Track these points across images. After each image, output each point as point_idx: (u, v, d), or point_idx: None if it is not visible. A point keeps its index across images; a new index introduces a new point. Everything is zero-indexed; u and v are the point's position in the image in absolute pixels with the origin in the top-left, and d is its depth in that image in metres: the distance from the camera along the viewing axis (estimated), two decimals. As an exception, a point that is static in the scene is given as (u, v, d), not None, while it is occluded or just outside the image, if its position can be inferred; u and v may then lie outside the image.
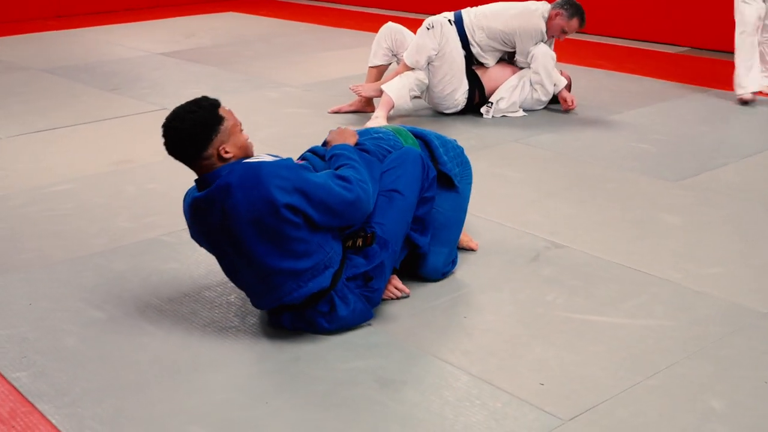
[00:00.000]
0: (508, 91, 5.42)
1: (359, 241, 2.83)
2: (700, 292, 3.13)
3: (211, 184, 2.73)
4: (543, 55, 5.36)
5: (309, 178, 2.72)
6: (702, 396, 2.50)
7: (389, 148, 3.12)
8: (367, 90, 5.34)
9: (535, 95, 5.46)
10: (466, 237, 3.46)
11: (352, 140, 3.09)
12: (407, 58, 5.23)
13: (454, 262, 3.25)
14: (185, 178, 4.31)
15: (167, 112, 2.80)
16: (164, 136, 2.77)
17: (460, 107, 5.40)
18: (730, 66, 5.78)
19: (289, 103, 5.80)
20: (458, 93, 5.32)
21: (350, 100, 5.57)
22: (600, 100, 5.78)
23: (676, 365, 2.66)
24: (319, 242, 2.74)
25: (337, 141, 3.07)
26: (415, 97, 5.31)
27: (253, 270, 2.76)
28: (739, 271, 3.31)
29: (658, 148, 4.82)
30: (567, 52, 6.42)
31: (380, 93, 5.23)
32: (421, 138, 3.31)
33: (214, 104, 2.77)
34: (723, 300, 3.06)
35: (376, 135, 3.19)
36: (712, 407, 2.44)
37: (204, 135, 2.71)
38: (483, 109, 5.42)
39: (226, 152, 2.73)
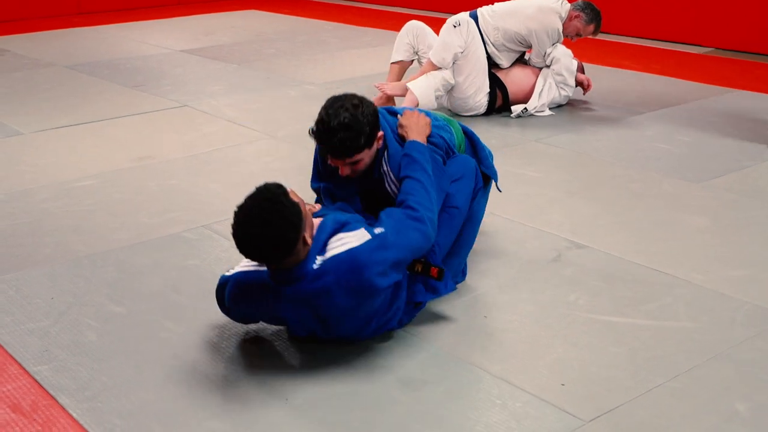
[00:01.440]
0: (537, 95, 5.40)
1: (418, 267, 2.74)
2: (723, 295, 3.10)
3: (299, 279, 2.52)
4: (564, 56, 5.35)
5: (398, 245, 2.58)
6: (725, 398, 2.48)
7: (450, 145, 3.12)
8: (392, 88, 5.33)
9: (563, 93, 5.45)
10: None
11: (425, 131, 3.04)
12: (433, 56, 5.20)
13: (464, 273, 3.17)
14: (205, 176, 4.35)
15: (189, 109, 2.81)
16: (248, 244, 2.46)
17: (482, 110, 5.37)
18: (755, 67, 5.72)
19: (309, 101, 5.80)
20: (481, 94, 5.30)
21: (371, 98, 5.57)
22: (623, 101, 5.74)
23: (698, 367, 2.64)
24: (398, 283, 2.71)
25: (411, 128, 3.02)
26: (439, 97, 5.28)
27: (337, 333, 2.71)
28: (763, 273, 3.27)
29: (682, 149, 4.78)
30: (590, 52, 6.39)
31: (405, 91, 5.22)
32: (468, 135, 3.29)
33: (285, 192, 2.50)
34: (747, 302, 3.03)
35: (436, 123, 3.17)
36: (736, 410, 2.42)
37: (294, 234, 2.45)
38: (514, 108, 5.39)
39: (306, 241, 2.51)
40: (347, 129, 2.81)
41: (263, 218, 2.42)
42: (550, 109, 5.45)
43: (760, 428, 2.34)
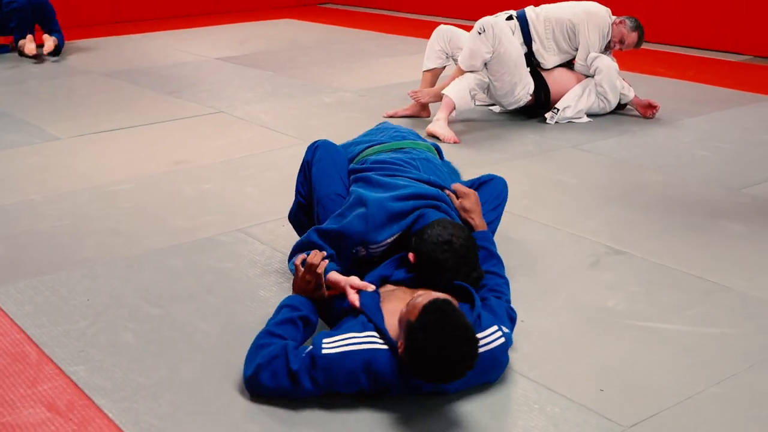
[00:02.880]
0: (574, 100, 5.35)
1: None
2: (765, 301, 3.04)
3: None
4: (607, 68, 5.30)
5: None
6: (767, 406, 2.43)
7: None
8: (426, 95, 5.32)
9: (601, 105, 5.40)
10: None
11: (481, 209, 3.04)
12: (462, 63, 5.18)
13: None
14: (240, 180, 4.36)
15: (224, 115, 2.81)
16: (461, 368, 2.29)
17: (522, 103, 5.29)
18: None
19: (344, 107, 5.80)
20: (518, 88, 5.20)
21: (405, 105, 5.56)
22: (660, 108, 5.68)
23: (740, 374, 2.58)
24: None
25: (477, 213, 2.98)
26: (475, 96, 5.23)
27: None
28: (806, 280, 3.21)
29: (720, 155, 4.72)
30: (628, 59, 6.33)
31: (439, 98, 5.20)
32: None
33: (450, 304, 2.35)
34: (790, 309, 2.98)
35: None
36: (779, 417, 2.37)
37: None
38: (548, 115, 5.35)
39: None
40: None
41: (458, 336, 2.25)
42: (588, 116, 5.41)
43: (805, 436, 2.29)
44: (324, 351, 2.38)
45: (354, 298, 2.55)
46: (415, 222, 2.83)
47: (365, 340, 2.40)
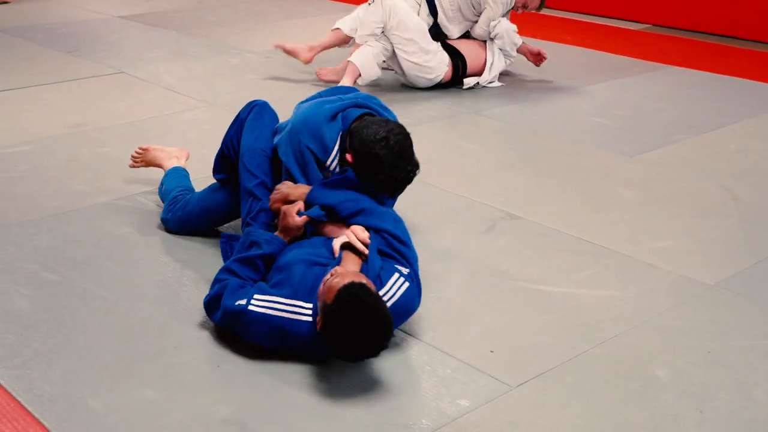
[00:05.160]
0: (489, 70, 5.43)
1: None
2: (650, 265, 3.18)
3: None
4: (507, 31, 5.36)
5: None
6: (647, 364, 2.55)
7: None
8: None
9: (506, 62, 5.51)
10: None
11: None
12: (357, 35, 5.19)
13: None
14: (141, 143, 4.29)
15: (125, 76, 2.78)
16: (373, 347, 2.39)
17: (441, 75, 5.29)
18: (689, 43, 5.83)
19: (250, 69, 5.75)
20: (433, 62, 5.22)
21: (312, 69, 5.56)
22: (560, 75, 5.81)
23: (623, 335, 2.71)
24: None
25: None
26: (381, 63, 5.23)
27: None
28: (689, 244, 3.36)
29: (616, 122, 4.87)
30: (530, 25, 6.44)
31: (340, 76, 5.20)
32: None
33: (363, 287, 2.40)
34: (672, 273, 3.12)
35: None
36: (656, 375, 2.50)
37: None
38: (466, 81, 5.40)
39: None
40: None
41: (372, 322, 2.32)
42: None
43: (677, 392, 2.43)
44: (251, 307, 2.48)
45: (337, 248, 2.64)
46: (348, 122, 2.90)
47: (290, 309, 2.48)
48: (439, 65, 5.25)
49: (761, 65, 6.30)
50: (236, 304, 2.51)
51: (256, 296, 2.51)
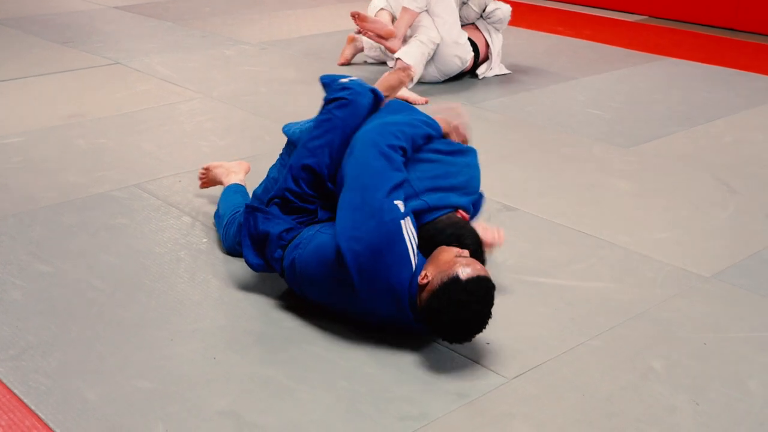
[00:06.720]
0: (498, 54, 5.43)
1: None
2: (646, 256, 3.18)
3: None
4: (506, 15, 5.36)
5: None
6: (642, 356, 2.56)
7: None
8: (374, 26, 5.07)
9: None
10: None
11: None
12: (409, 3, 5.02)
13: None
14: (136, 135, 4.28)
15: (121, 67, 2.77)
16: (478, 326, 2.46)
17: (467, 63, 5.27)
18: (685, 35, 5.83)
19: (245, 60, 5.74)
20: (464, 39, 5.20)
21: (308, 59, 5.53)
22: (556, 66, 5.81)
23: (619, 326, 2.71)
24: None
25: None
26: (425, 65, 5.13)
27: None
28: (685, 236, 3.37)
29: (612, 114, 4.86)
30: (526, 17, 6.43)
31: (389, 34, 5.05)
32: None
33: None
34: (668, 264, 3.12)
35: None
36: (651, 366, 2.50)
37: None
38: (479, 71, 5.40)
39: None
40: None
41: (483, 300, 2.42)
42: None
43: (673, 384, 2.43)
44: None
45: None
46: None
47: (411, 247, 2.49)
48: (469, 49, 5.26)
49: (757, 57, 6.30)
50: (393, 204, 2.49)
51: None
